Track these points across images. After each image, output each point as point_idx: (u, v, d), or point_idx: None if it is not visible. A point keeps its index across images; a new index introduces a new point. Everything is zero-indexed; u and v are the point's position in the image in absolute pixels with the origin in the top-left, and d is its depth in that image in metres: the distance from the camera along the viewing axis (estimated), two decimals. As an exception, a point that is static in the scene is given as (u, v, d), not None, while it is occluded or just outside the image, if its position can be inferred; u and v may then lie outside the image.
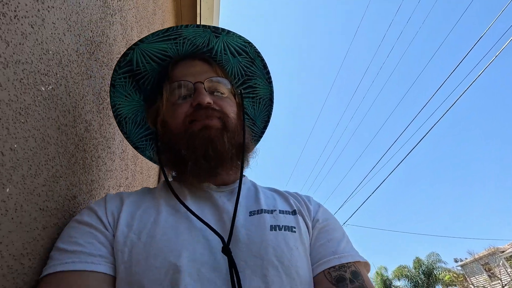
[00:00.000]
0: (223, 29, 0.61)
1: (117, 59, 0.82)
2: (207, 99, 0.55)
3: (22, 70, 0.40)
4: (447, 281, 21.26)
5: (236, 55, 0.67)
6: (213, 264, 0.44)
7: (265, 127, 0.77)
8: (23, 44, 0.40)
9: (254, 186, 0.62)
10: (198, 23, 2.16)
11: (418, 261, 21.42)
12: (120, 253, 0.44)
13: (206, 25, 0.60)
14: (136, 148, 0.74)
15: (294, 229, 0.51)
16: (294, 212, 0.55)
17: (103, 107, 0.72)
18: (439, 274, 20.68)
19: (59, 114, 0.50)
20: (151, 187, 0.62)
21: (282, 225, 0.51)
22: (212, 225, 0.47)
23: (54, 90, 0.48)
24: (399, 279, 21.87)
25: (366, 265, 0.53)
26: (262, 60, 0.68)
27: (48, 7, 0.46)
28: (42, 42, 0.44)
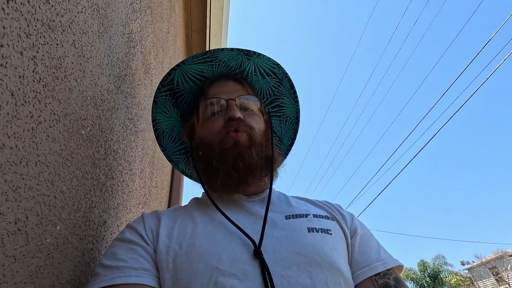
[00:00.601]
0: (254, 52, 0.68)
1: (138, 86, 0.89)
2: (238, 114, 0.60)
3: (69, 121, 0.46)
4: (453, 284, 21.03)
5: (266, 76, 0.73)
6: (252, 264, 0.46)
7: (291, 145, 0.81)
8: (70, 98, 0.46)
9: (284, 195, 0.67)
10: (207, 34, 2.22)
11: (423, 264, 21.24)
12: (164, 263, 0.47)
13: (239, 49, 0.67)
14: (170, 161, 0.80)
15: (330, 232, 0.55)
16: (327, 217, 0.59)
17: (127, 134, 0.78)
18: (446, 277, 20.47)
19: (94, 151, 0.56)
20: (179, 203, 0.68)
21: (319, 228, 0.54)
22: (248, 230, 0.51)
23: (91, 131, 0.54)
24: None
25: (400, 268, 0.58)
26: (290, 80, 0.74)
27: (87, 58, 0.52)
28: (83, 91, 0.50)
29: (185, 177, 1.71)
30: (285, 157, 0.80)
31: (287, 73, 0.73)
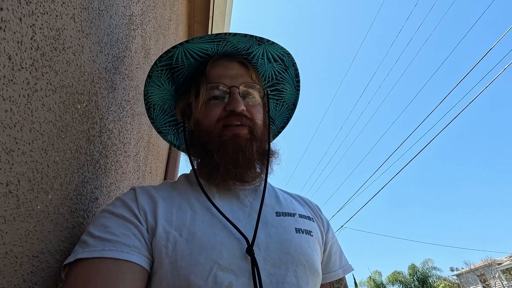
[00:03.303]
0: (268, 40, 0.65)
1: (137, 69, 0.89)
2: (242, 106, 0.58)
3: (65, 93, 0.46)
4: (441, 290, 21.27)
5: (272, 61, 0.72)
6: (246, 260, 0.48)
7: (282, 128, 0.83)
8: (67, 71, 0.46)
9: (271, 186, 0.68)
10: (210, 26, 2.22)
11: (413, 268, 21.46)
12: (164, 248, 0.46)
13: (252, 35, 0.63)
14: (159, 132, 0.80)
15: (311, 234, 0.59)
16: (309, 218, 0.62)
17: (123, 115, 0.78)
18: (434, 282, 20.71)
19: (89, 127, 0.56)
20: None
21: (304, 229, 0.58)
22: (242, 223, 0.53)
23: (87, 106, 0.55)
24: (393, 285, 21.93)
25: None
26: (296, 69, 0.74)
27: (87, 34, 0.53)
28: (81, 66, 0.51)
29: (180, 166, 1.72)
30: (274, 138, 0.81)
31: (295, 63, 0.72)
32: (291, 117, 0.81)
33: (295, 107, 0.80)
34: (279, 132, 0.83)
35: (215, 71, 0.64)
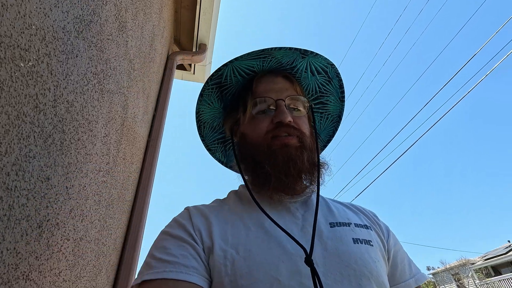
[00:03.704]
0: (311, 52, 0.67)
1: (108, 40, 0.80)
2: (289, 117, 0.58)
3: (1, 43, 0.38)
4: None
5: (316, 73, 0.72)
6: (307, 276, 0.46)
7: (328, 141, 0.82)
8: (3, 16, 0.38)
9: (322, 197, 0.66)
10: (197, 12, 2.12)
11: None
12: (222, 266, 0.46)
13: (297, 48, 0.65)
14: (209, 150, 0.79)
15: (371, 243, 0.55)
16: (366, 227, 0.59)
17: (88, 89, 0.70)
18: (411, 280, 21.28)
19: (38, 92, 0.48)
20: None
21: (362, 239, 0.54)
22: (296, 237, 0.50)
23: (35, 67, 0.46)
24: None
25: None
26: (340, 80, 0.73)
27: (35, -21, 0.44)
28: (24, 16, 0.42)
29: (157, 160, 1.63)
30: (322, 151, 0.80)
31: (339, 73, 0.72)
32: (336, 130, 0.80)
33: (340, 119, 0.78)
34: (325, 146, 0.82)
35: (261, 86, 0.66)
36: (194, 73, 2.40)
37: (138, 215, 1.28)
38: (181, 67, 2.37)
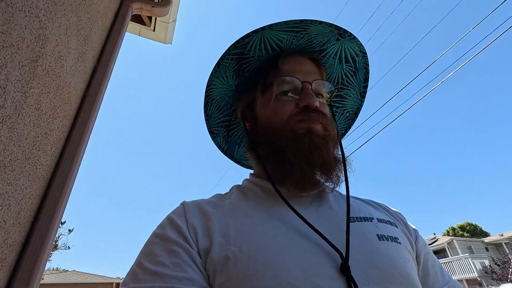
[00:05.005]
0: (350, 34, 0.61)
1: None
2: (316, 102, 0.54)
3: None
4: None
5: (343, 62, 0.67)
6: (331, 276, 0.40)
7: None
8: None
9: (337, 191, 0.60)
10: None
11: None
12: (225, 268, 0.41)
13: (337, 26, 0.59)
14: (210, 132, 0.72)
15: (398, 241, 0.49)
16: (390, 223, 0.54)
17: None
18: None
19: None
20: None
21: (388, 235, 0.49)
22: (325, 234, 0.44)
23: None
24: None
25: None
26: (366, 73, 0.67)
27: None
28: None
29: (95, 120, 1.35)
30: None
31: (368, 64, 0.67)
32: (349, 128, 0.74)
33: (356, 116, 0.73)
34: None
35: (288, 66, 0.60)
36: (154, 30, 2.08)
37: (59, 185, 1.02)
38: (139, 20, 2.04)
